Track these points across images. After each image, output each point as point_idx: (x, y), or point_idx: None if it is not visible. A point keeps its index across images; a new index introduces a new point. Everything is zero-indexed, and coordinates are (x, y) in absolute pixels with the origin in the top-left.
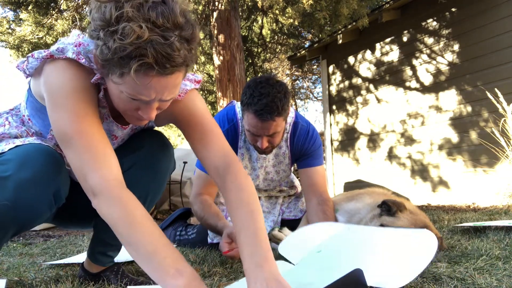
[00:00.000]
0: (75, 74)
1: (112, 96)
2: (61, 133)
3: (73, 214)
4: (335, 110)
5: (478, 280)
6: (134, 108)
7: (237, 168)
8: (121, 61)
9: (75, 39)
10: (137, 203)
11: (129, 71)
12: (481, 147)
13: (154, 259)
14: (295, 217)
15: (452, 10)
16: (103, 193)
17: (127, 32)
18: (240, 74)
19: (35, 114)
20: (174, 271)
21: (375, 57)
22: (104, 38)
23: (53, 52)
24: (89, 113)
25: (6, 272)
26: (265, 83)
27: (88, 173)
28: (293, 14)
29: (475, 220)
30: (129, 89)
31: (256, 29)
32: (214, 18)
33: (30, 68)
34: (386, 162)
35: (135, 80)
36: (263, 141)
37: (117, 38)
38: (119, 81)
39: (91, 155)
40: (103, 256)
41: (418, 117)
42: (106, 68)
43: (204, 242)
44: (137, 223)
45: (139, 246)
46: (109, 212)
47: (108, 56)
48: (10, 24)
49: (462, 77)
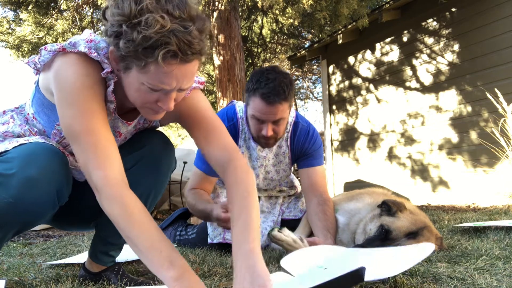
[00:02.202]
0: (85, 69)
1: (130, 91)
2: (69, 129)
3: (72, 216)
4: (335, 110)
5: (478, 280)
6: (153, 100)
7: (239, 163)
8: (146, 51)
9: (87, 37)
10: (136, 201)
11: (155, 59)
12: (481, 147)
13: (150, 253)
14: (295, 217)
15: (452, 10)
16: (105, 191)
17: (150, 22)
18: (240, 74)
19: (40, 110)
20: (167, 264)
21: (375, 57)
22: (126, 31)
23: (65, 46)
24: (98, 110)
25: (6, 272)
26: (272, 70)
27: (92, 170)
28: (293, 14)
29: (475, 220)
30: (151, 79)
31: (256, 29)
32: (214, 18)
33: (42, 62)
34: (386, 162)
35: (162, 66)
36: (268, 128)
37: (141, 29)
38: (141, 73)
39: (96, 154)
40: (105, 256)
41: (418, 117)
42: (125, 62)
43: (204, 242)
44: (136, 220)
45: (137, 241)
46: (110, 208)
47: (131, 49)
48: (10, 24)
49: (462, 77)
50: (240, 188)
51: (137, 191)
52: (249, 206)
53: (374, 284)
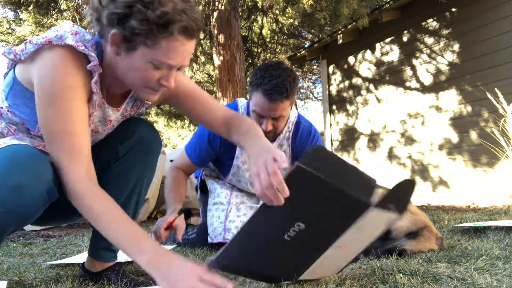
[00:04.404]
0: (70, 66)
1: (130, 73)
2: (47, 129)
3: (55, 210)
4: (335, 110)
5: (478, 280)
6: (156, 78)
7: (243, 116)
8: (160, 28)
9: (71, 29)
10: (102, 198)
11: (168, 35)
12: (481, 147)
13: (122, 244)
14: None
15: (452, 10)
16: (70, 191)
17: (164, 2)
18: (240, 74)
19: (21, 103)
20: (136, 250)
21: (375, 57)
22: (140, 10)
23: (51, 39)
24: (78, 111)
25: (6, 272)
26: (276, 66)
27: (62, 170)
28: (293, 14)
29: (475, 220)
30: (159, 55)
31: (256, 29)
32: (214, 18)
33: (25, 54)
34: (386, 162)
35: (174, 40)
36: (268, 124)
37: (155, 7)
38: (150, 50)
39: (70, 155)
40: (106, 251)
41: (418, 117)
42: (132, 43)
43: (204, 242)
44: (98, 214)
45: (108, 235)
46: (79, 207)
47: (145, 27)
48: (10, 24)
49: (462, 77)
50: (246, 122)
51: (133, 177)
52: (257, 129)
53: (374, 284)
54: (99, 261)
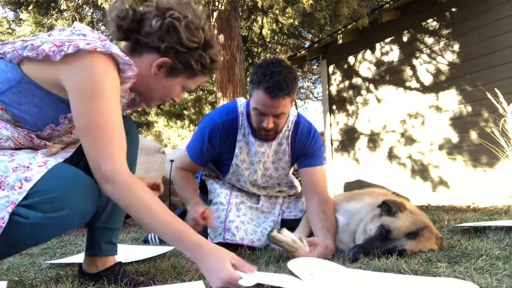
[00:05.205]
0: (112, 70)
1: (161, 89)
2: (91, 122)
3: None
4: (335, 110)
5: (478, 280)
6: (176, 94)
7: None
8: (205, 68)
9: (98, 36)
10: (145, 189)
11: (206, 72)
12: (481, 147)
13: (168, 238)
14: (295, 217)
15: (452, 10)
16: (116, 182)
17: (215, 50)
18: (240, 74)
19: (26, 101)
20: (182, 246)
21: (375, 57)
22: (197, 53)
23: (98, 46)
24: (117, 109)
25: (6, 272)
26: (277, 64)
27: (103, 161)
28: (293, 14)
29: (475, 220)
30: (191, 84)
31: (256, 29)
32: (214, 18)
33: (63, 54)
34: (386, 162)
35: (205, 75)
36: (269, 121)
37: (208, 53)
38: (187, 79)
39: (110, 147)
40: (109, 244)
41: (418, 117)
42: (177, 72)
43: None
44: (146, 206)
45: (152, 226)
46: (121, 198)
47: (197, 68)
48: (10, 24)
49: (462, 77)
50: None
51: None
52: None
53: None
54: (101, 256)
